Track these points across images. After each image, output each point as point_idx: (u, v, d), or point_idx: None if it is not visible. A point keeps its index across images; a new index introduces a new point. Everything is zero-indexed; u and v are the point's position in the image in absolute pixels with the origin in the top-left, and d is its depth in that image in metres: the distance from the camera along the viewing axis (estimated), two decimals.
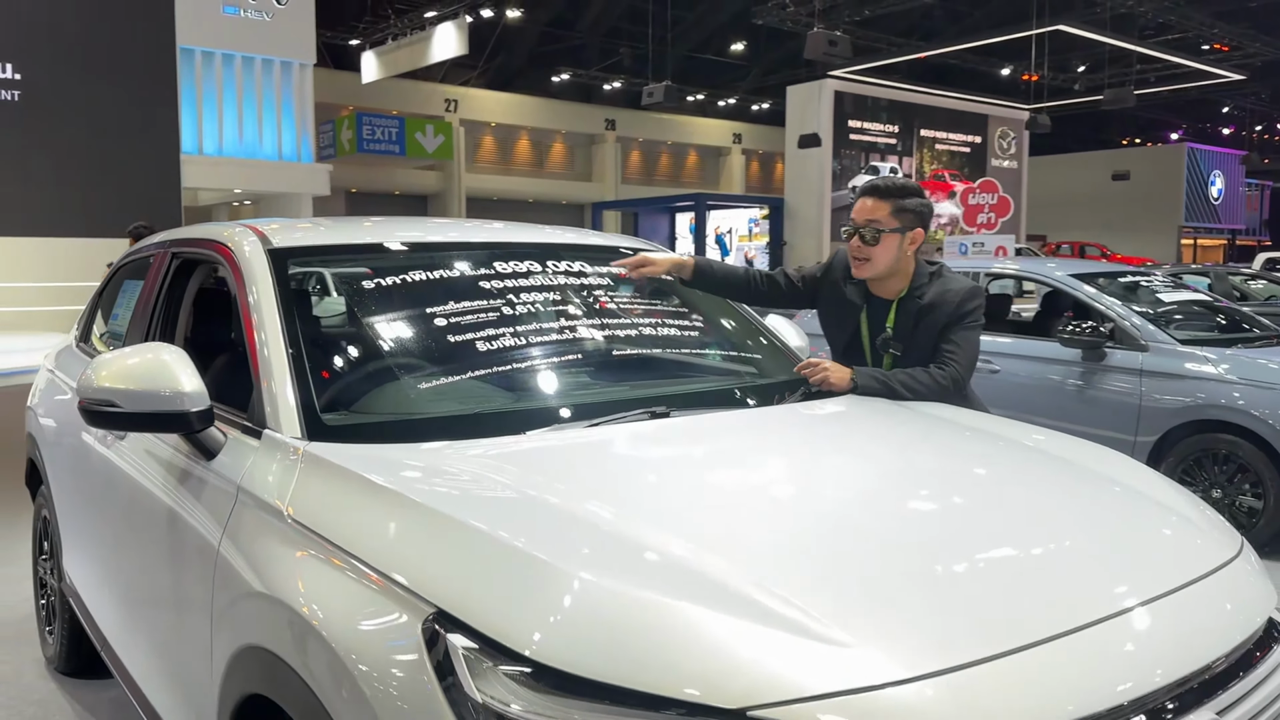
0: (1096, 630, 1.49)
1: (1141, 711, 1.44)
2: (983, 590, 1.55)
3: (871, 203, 2.97)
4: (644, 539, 1.57)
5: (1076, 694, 1.38)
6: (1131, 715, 1.42)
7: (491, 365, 2.39)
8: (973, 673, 1.35)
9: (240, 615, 1.85)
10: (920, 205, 2.99)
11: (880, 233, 2.94)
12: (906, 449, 2.29)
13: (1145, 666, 1.47)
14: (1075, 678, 1.40)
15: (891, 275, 3.01)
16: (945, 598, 1.51)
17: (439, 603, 1.45)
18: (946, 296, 2.96)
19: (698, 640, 1.34)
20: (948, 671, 1.33)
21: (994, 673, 1.36)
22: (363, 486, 1.81)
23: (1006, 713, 1.31)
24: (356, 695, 1.47)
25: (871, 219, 2.96)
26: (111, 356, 2.19)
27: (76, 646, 3.64)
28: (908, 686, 1.30)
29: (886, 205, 2.95)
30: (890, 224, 2.94)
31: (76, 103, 16.90)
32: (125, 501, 2.65)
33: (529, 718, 1.30)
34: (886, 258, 2.96)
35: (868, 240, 2.95)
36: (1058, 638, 1.45)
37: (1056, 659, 1.42)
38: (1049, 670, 1.40)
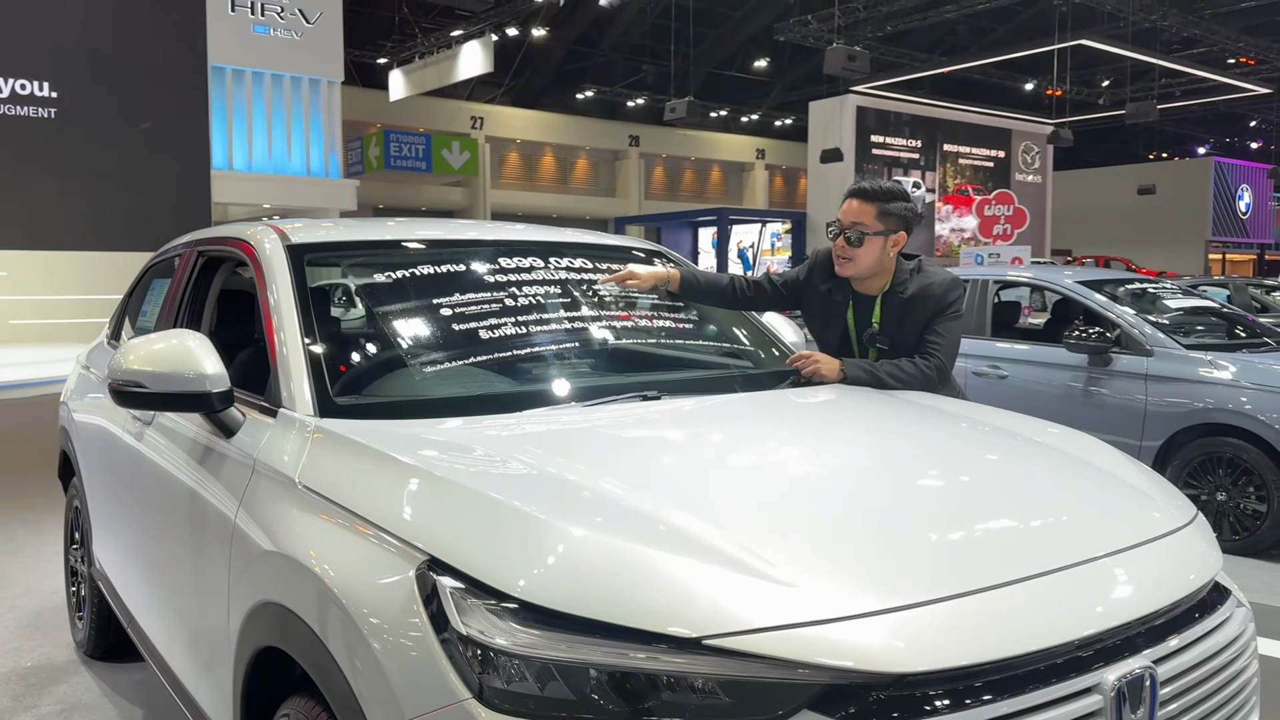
0: (1039, 580, 1.61)
1: (1078, 654, 1.55)
2: (932, 544, 1.68)
3: (858, 205, 3.07)
4: (618, 496, 1.71)
5: (1010, 635, 1.50)
6: (1067, 657, 1.54)
7: (490, 352, 2.56)
8: (911, 613, 1.47)
9: (255, 574, 2.00)
10: (904, 209, 3.09)
11: (865, 234, 3.04)
12: (880, 427, 2.42)
13: (1083, 615, 1.59)
14: (1011, 621, 1.52)
15: (874, 275, 3.12)
16: (895, 549, 1.64)
17: (431, 551, 1.59)
18: (929, 290, 3.07)
19: (662, 580, 1.48)
20: (886, 611, 1.46)
21: (931, 613, 1.48)
22: (366, 455, 1.97)
23: (934, 648, 1.44)
24: (357, 637, 1.62)
25: (857, 221, 3.06)
26: (139, 341, 2.36)
27: (105, 631, 3.81)
28: (846, 623, 1.43)
29: (872, 208, 3.05)
30: (875, 226, 3.05)
31: (110, 120, 17.32)
32: (151, 483, 2.82)
33: (508, 647, 1.44)
34: (869, 259, 3.07)
35: (852, 241, 3.06)
36: (1000, 586, 1.57)
37: (995, 605, 1.54)
38: (987, 614, 1.52)
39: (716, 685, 1.40)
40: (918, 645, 1.43)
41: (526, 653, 1.43)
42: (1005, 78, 30.80)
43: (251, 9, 19.54)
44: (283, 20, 19.93)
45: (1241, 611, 1.91)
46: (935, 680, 1.43)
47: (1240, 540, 5.52)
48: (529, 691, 1.43)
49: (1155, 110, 24.08)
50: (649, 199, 36.45)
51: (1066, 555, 1.70)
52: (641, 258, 3.27)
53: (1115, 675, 1.55)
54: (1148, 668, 1.60)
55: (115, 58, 17.47)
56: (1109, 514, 1.94)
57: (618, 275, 3.00)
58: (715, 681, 1.40)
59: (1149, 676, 1.59)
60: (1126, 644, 1.62)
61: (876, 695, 1.40)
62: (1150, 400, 5.84)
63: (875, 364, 2.96)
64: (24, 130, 17.10)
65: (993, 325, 6.87)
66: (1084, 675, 1.53)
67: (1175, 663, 1.67)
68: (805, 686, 1.40)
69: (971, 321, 6.91)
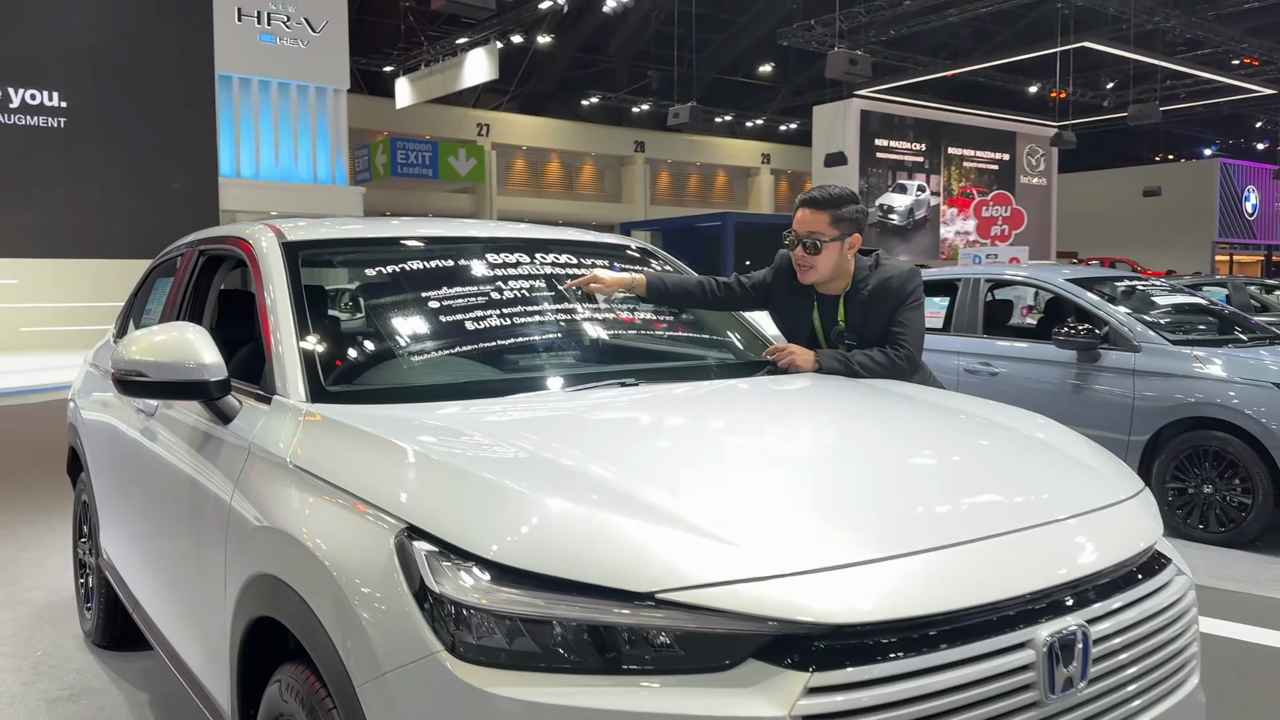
0: (977, 544, 1.72)
1: (1011, 612, 1.66)
2: (878, 510, 1.79)
3: (810, 214, 3.15)
4: (585, 469, 1.83)
5: (943, 592, 1.61)
6: (1001, 614, 1.65)
7: (474, 342, 2.69)
8: (849, 570, 1.59)
9: (249, 549, 2.12)
10: (855, 212, 3.18)
11: (821, 242, 3.13)
12: (844, 409, 2.54)
13: (1016, 577, 1.70)
14: (945, 580, 1.63)
15: (835, 278, 3.21)
16: (841, 515, 1.75)
17: (410, 519, 1.71)
18: (888, 284, 3.18)
19: (620, 542, 1.59)
20: (826, 569, 1.58)
21: (868, 571, 1.59)
22: (353, 436, 2.09)
23: (869, 602, 1.55)
24: (341, 601, 1.73)
25: (812, 230, 3.14)
26: (141, 333, 2.48)
27: (112, 621, 3.94)
28: (787, 579, 1.54)
29: (825, 216, 3.14)
30: (830, 233, 3.13)
31: (119, 128, 17.55)
32: (154, 472, 2.94)
33: (478, 603, 1.55)
34: (828, 264, 3.16)
35: (810, 250, 3.14)
36: (937, 549, 1.68)
37: (931, 565, 1.65)
38: (922, 573, 1.63)
39: (669, 636, 1.51)
40: (854, 600, 1.54)
41: (496, 608, 1.55)
42: (1009, 81, 30.87)
43: (258, 18, 19.75)
44: (289, 29, 20.14)
45: (1181, 580, 2.02)
46: (871, 631, 1.54)
47: (1226, 532, 5.61)
48: (498, 645, 1.54)
49: (1158, 112, 24.14)
50: (655, 204, 36.61)
51: (1006, 523, 1.81)
52: (632, 255, 3.39)
53: (1048, 632, 1.66)
54: (1081, 627, 1.71)
55: (124, 67, 17.73)
56: (1052, 486, 2.05)
57: (581, 280, 3.06)
58: (668, 633, 1.51)
59: (1082, 635, 1.70)
60: (1061, 605, 1.73)
61: (817, 645, 1.51)
62: (1137, 395, 5.93)
63: (848, 354, 3.07)
64: (34, 140, 17.35)
65: (985, 323, 6.97)
66: (1017, 632, 1.64)
67: (1109, 623, 1.77)
68: (751, 637, 1.51)
69: (964, 320, 7.02)
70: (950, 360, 6.88)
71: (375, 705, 1.63)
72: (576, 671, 1.52)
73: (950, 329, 7.10)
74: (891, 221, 26.27)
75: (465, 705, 1.51)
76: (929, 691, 1.53)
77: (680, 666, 1.51)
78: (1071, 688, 1.68)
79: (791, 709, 1.45)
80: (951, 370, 6.84)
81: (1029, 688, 1.63)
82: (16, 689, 3.69)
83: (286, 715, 1.93)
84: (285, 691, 1.94)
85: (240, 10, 19.49)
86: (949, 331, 7.09)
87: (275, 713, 1.99)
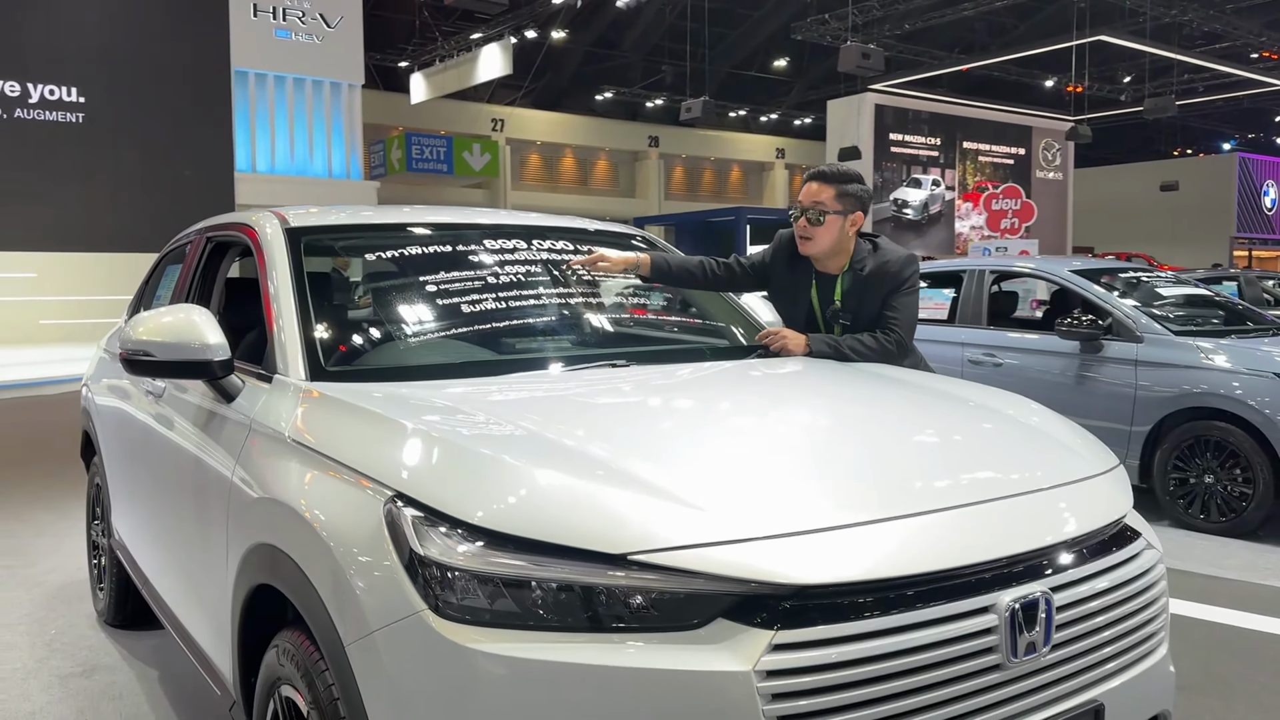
0: (943, 514, 1.79)
1: (975, 577, 1.72)
2: (849, 481, 1.86)
3: (817, 186, 3.25)
4: (566, 441, 1.90)
5: (905, 558, 1.67)
6: (965, 580, 1.71)
7: (468, 325, 2.77)
8: (815, 535, 1.65)
9: (249, 520, 2.20)
10: (861, 190, 3.26)
11: (824, 214, 3.21)
12: (827, 390, 2.60)
13: (980, 545, 1.76)
14: (908, 546, 1.70)
15: (834, 254, 3.28)
16: (813, 485, 1.82)
17: (398, 487, 1.78)
18: (886, 267, 3.24)
19: (597, 508, 1.66)
20: (792, 535, 1.64)
21: (834, 536, 1.66)
22: (348, 411, 2.17)
23: (832, 565, 1.61)
24: (333, 565, 1.81)
25: (817, 201, 3.23)
26: (149, 315, 2.56)
27: (124, 601, 4.04)
28: (754, 543, 1.62)
29: (831, 189, 3.22)
30: (834, 206, 3.22)
31: (136, 124, 17.72)
32: (161, 451, 3.03)
33: (461, 565, 1.62)
34: (829, 237, 3.24)
35: (813, 221, 3.23)
36: (903, 517, 1.75)
37: (895, 532, 1.71)
38: (886, 539, 1.69)
39: (641, 596, 1.58)
40: (817, 563, 1.60)
41: (477, 570, 1.62)
42: (1025, 75, 30.74)
43: (273, 14, 19.88)
44: (304, 25, 20.27)
45: (1150, 554, 2.07)
46: (834, 593, 1.60)
47: (1227, 521, 5.63)
48: (479, 605, 1.61)
49: (1174, 106, 24.00)
50: (669, 199, 36.64)
51: (973, 494, 1.87)
52: (626, 243, 3.45)
53: (1011, 598, 1.72)
54: (1044, 593, 1.76)
55: (141, 63, 17.90)
56: (1022, 461, 2.11)
57: (588, 258, 3.16)
58: (640, 593, 1.58)
59: (1045, 601, 1.76)
60: (1025, 573, 1.79)
61: (783, 605, 1.58)
62: (1140, 385, 5.96)
63: (839, 338, 3.13)
64: (52, 135, 17.55)
65: (990, 315, 7.00)
66: (980, 597, 1.70)
67: (1073, 592, 1.83)
68: (720, 597, 1.58)
69: (969, 311, 7.06)
70: (955, 351, 6.92)
71: (363, 663, 1.70)
72: (553, 629, 1.59)
73: (955, 320, 7.13)
74: (906, 216, 26.19)
75: (446, 660, 1.59)
76: (890, 651, 1.59)
77: (652, 625, 1.58)
78: (1034, 652, 1.74)
79: (755, 664, 1.52)
80: (956, 361, 6.88)
81: (992, 650, 1.69)
82: (31, 665, 3.79)
83: (283, 679, 2.01)
84: (282, 656, 2.02)
85: (255, 6, 19.63)
86: (954, 323, 7.13)
87: (273, 677, 2.06)
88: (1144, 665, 1.99)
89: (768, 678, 1.52)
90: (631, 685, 1.53)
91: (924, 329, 7.28)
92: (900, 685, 1.59)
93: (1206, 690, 3.52)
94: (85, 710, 3.40)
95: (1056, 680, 1.80)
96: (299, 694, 1.93)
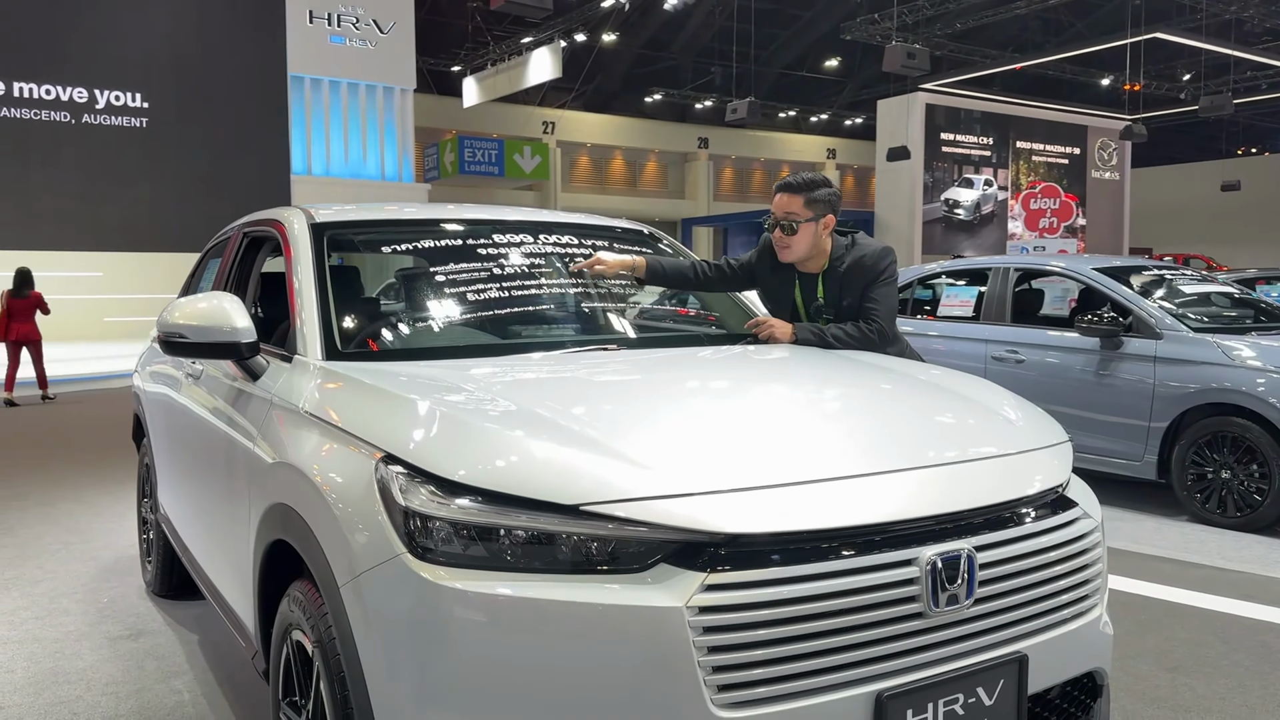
0: (874, 477, 1.97)
1: (899, 533, 1.90)
2: (789, 447, 2.04)
3: (786, 198, 3.42)
4: (535, 409, 2.12)
5: (832, 513, 1.85)
6: (891, 535, 1.89)
7: (474, 312, 3.01)
8: (750, 492, 1.85)
9: (267, 483, 2.45)
10: (828, 195, 3.43)
11: (797, 223, 3.39)
12: (789, 370, 2.80)
13: (905, 504, 1.93)
14: (837, 503, 1.88)
15: (812, 256, 3.46)
16: (756, 449, 2.01)
17: (388, 449, 2.01)
18: (862, 261, 3.42)
19: (554, 466, 1.88)
20: (729, 491, 1.84)
21: (766, 493, 1.85)
22: (354, 385, 2.41)
23: (762, 517, 1.81)
24: (330, 518, 2.04)
25: (789, 212, 3.41)
26: (184, 301, 2.83)
27: (170, 573, 4.35)
28: (693, 497, 1.82)
29: (799, 199, 3.40)
30: (804, 214, 3.40)
31: (197, 128, 18.34)
32: (197, 428, 3.31)
33: (437, 513, 1.84)
34: (805, 243, 3.42)
35: (787, 231, 3.41)
36: (835, 479, 1.93)
37: (826, 491, 1.90)
38: (815, 496, 1.88)
39: (591, 542, 1.79)
40: (748, 515, 1.80)
41: (451, 518, 1.83)
42: (1081, 74, 30.37)
43: (329, 20, 20.40)
44: (358, 31, 20.77)
45: (1086, 522, 2.22)
46: (763, 542, 1.80)
47: (1243, 517, 5.68)
48: (453, 549, 1.83)
49: (1230, 103, 23.55)
50: (718, 200, 36.78)
51: (906, 460, 2.05)
52: (630, 239, 3.66)
53: (934, 553, 1.89)
54: (968, 551, 1.94)
55: (202, 70, 18.55)
56: (962, 434, 2.29)
57: (586, 262, 3.36)
58: (590, 539, 1.79)
59: (968, 558, 1.93)
60: (952, 531, 1.96)
61: (717, 551, 1.77)
62: (1159, 381, 6.02)
63: (823, 327, 3.31)
64: (118, 139, 18.23)
65: (1015, 312, 7.08)
66: (902, 551, 1.88)
67: (998, 551, 2.00)
68: (661, 543, 1.78)
69: (994, 309, 7.15)
70: (979, 349, 7.02)
71: (352, 600, 1.93)
72: (516, 570, 1.80)
73: (980, 317, 7.23)
74: (957, 216, 26.01)
75: (422, 596, 1.81)
76: (813, 594, 1.77)
77: (601, 568, 1.78)
78: (956, 604, 1.91)
79: (688, 600, 1.72)
80: (980, 358, 6.98)
81: (914, 600, 1.87)
82: (83, 628, 4.10)
83: (294, 624, 2.25)
84: (293, 604, 2.26)
85: (311, 13, 20.16)
86: (979, 320, 7.22)
87: (286, 622, 2.31)
88: (1074, 625, 2.15)
89: (700, 613, 1.72)
90: (581, 617, 1.74)
91: (948, 326, 7.42)
92: (823, 625, 1.78)
93: (1191, 671, 3.64)
94: (130, 668, 3.69)
95: (980, 632, 1.97)
96: (306, 637, 2.17)
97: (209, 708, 3.36)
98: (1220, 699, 3.40)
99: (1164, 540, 5.54)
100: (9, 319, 11.73)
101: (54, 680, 3.58)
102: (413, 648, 1.83)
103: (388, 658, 1.86)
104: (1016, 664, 2.01)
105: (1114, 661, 3.61)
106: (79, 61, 17.76)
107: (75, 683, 3.56)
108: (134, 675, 3.63)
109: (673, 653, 1.71)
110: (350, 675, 1.95)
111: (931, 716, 1.89)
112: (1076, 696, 2.25)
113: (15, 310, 11.74)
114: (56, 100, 17.75)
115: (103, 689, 3.50)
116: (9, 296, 11.80)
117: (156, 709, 3.35)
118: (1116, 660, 3.65)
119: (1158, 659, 3.75)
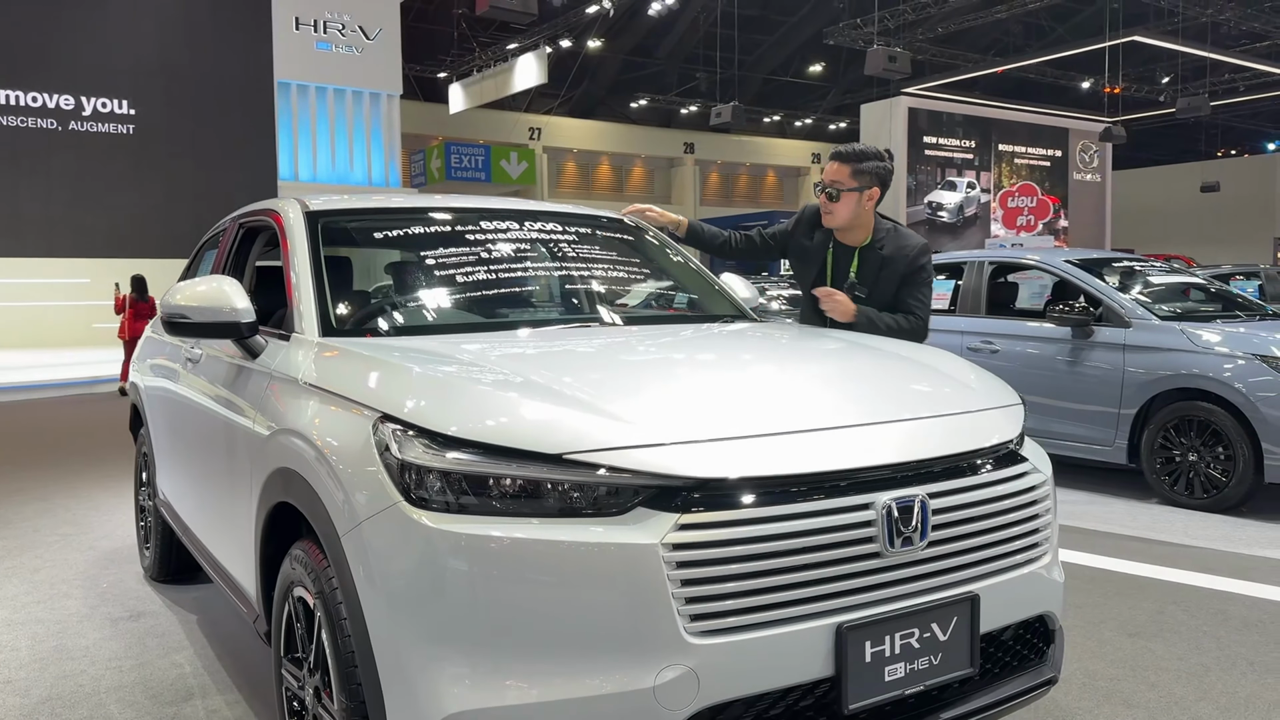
0: (836, 430, 2.13)
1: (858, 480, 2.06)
2: (756, 405, 2.20)
3: (835, 166, 3.69)
4: (522, 372, 2.28)
5: (795, 461, 2.01)
6: (850, 482, 2.05)
7: (462, 292, 3.17)
8: (719, 442, 2.00)
9: (268, 451, 2.59)
10: (876, 167, 3.67)
11: (841, 190, 3.65)
12: (768, 342, 2.96)
13: (862, 454, 2.09)
14: (800, 453, 2.04)
15: (854, 227, 3.70)
16: (721, 404, 2.17)
17: (384, 409, 2.15)
18: (903, 250, 3.67)
19: (539, 420, 2.03)
20: (699, 441, 2.00)
21: (733, 444, 2.01)
22: (350, 357, 2.56)
23: (729, 464, 1.96)
24: (332, 475, 2.19)
25: (835, 179, 3.67)
26: (186, 284, 2.97)
27: (168, 558, 4.48)
28: (666, 446, 1.97)
29: (847, 168, 3.66)
30: (850, 183, 3.64)
31: (184, 134, 18.44)
32: (198, 409, 3.45)
33: (430, 464, 1.99)
34: (847, 211, 3.66)
35: (831, 197, 3.67)
36: (799, 432, 2.09)
37: (790, 442, 2.06)
38: (779, 446, 2.04)
39: (574, 488, 1.94)
40: (716, 463, 1.96)
41: (444, 468, 1.98)
42: (1062, 77, 30.70)
43: (315, 27, 20.53)
44: (344, 37, 20.91)
45: (1035, 475, 2.38)
46: (732, 486, 1.95)
47: (1210, 498, 5.87)
48: (446, 497, 1.97)
49: (1207, 105, 23.92)
50: (704, 204, 37.00)
51: (866, 416, 2.21)
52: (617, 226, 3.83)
53: (890, 498, 2.05)
54: (922, 497, 2.10)
55: (189, 76, 18.65)
56: (922, 395, 2.45)
57: (636, 207, 3.72)
58: (572, 485, 1.94)
59: (921, 503, 2.09)
60: (908, 479, 2.12)
61: (690, 495, 1.93)
62: (1128, 368, 6.21)
63: (879, 314, 3.58)
64: (105, 146, 18.30)
65: (990, 305, 7.27)
66: (861, 495, 2.04)
67: (951, 499, 2.15)
68: (638, 489, 1.93)
69: (969, 301, 7.33)
70: (955, 340, 7.20)
71: (352, 548, 2.08)
72: (505, 515, 1.95)
73: (956, 309, 7.41)
74: (941, 219, 26.24)
75: (418, 539, 1.95)
76: (777, 533, 1.93)
77: (583, 511, 1.94)
78: (911, 545, 2.07)
79: (662, 538, 1.87)
80: (955, 349, 7.14)
81: (871, 540, 2.03)
82: (85, 611, 4.23)
83: (296, 581, 2.39)
84: (295, 563, 2.40)
85: (298, 19, 20.28)
86: (955, 312, 7.40)
87: (288, 581, 2.45)
88: (1025, 570, 2.31)
89: (674, 549, 1.87)
90: (566, 555, 1.89)
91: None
92: (786, 562, 1.94)
93: (1151, 635, 3.81)
94: (132, 645, 3.82)
95: (935, 572, 2.13)
96: (308, 592, 2.31)
97: (210, 679, 3.49)
98: (1178, 659, 3.57)
99: (1134, 522, 5.72)
100: (134, 319, 13.16)
101: (59, 657, 3.71)
102: (410, 589, 1.97)
103: (388, 600, 2.01)
104: (969, 603, 2.17)
105: (1079, 629, 3.82)
106: (66, 68, 17.84)
107: (79, 659, 3.69)
108: (136, 651, 3.76)
109: (649, 585, 1.86)
110: (351, 619, 2.10)
111: (889, 648, 2.05)
112: (1029, 640, 2.41)
113: (141, 312, 13.18)
114: (43, 108, 17.82)
115: (106, 664, 3.63)
116: (134, 299, 13.39)
117: (159, 681, 3.48)
118: (1081, 628, 3.84)
119: (1120, 625, 3.92)
